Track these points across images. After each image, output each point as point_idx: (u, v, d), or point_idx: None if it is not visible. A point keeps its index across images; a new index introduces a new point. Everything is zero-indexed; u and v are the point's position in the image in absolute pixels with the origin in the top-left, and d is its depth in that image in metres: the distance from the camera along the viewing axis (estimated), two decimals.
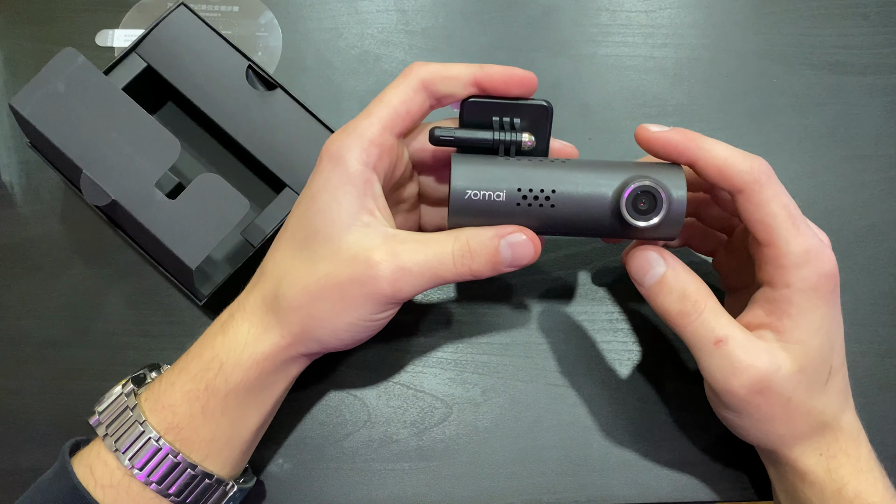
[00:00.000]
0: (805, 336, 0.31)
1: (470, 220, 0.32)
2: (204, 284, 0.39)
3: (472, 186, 0.32)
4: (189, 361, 0.32)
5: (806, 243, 0.31)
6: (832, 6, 0.48)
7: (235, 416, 0.32)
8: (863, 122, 0.45)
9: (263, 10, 0.46)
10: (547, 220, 0.32)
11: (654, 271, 0.33)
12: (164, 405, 0.32)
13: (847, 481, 0.32)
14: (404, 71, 0.33)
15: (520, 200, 0.32)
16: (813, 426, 0.32)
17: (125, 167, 0.36)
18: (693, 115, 0.45)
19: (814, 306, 0.31)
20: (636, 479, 0.38)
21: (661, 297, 0.32)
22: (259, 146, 0.39)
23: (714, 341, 0.31)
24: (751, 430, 0.33)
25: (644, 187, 0.31)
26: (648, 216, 0.31)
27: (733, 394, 0.32)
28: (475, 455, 0.39)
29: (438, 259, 0.31)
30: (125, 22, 0.45)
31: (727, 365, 0.31)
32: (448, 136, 0.33)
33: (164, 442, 0.31)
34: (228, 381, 0.32)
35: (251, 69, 0.40)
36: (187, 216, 0.36)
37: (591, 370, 0.40)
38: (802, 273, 0.31)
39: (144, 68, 0.40)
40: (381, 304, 0.31)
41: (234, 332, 0.32)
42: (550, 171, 0.32)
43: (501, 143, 0.33)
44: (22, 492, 0.32)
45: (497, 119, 0.34)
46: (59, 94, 0.36)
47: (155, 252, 0.38)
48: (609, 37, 0.47)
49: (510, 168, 0.32)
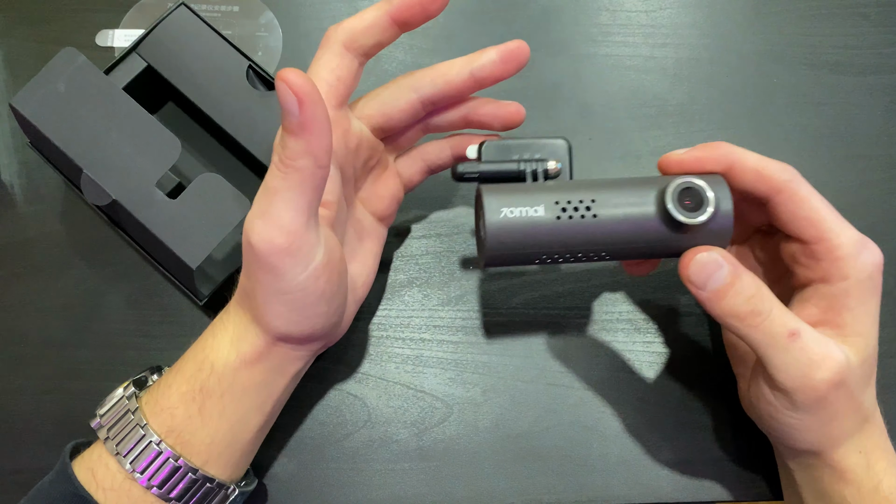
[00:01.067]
0: (864, 328, 0.31)
1: (508, 242, 0.30)
2: (204, 284, 0.39)
3: (507, 205, 0.30)
4: (185, 363, 0.32)
5: (854, 234, 0.31)
6: (832, 6, 0.48)
7: (234, 418, 0.32)
8: (863, 122, 0.45)
9: (263, 9, 0.46)
10: (590, 235, 0.31)
11: (720, 273, 0.30)
12: (162, 407, 0.31)
13: (882, 477, 0.32)
14: (323, 39, 0.33)
15: (559, 213, 0.30)
16: (858, 422, 0.32)
17: (126, 167, 0.36)
18: (693, 115, 0.45)
19: (870, 296, 0.31)
20: (636, 479, 0.38)
21: (729, 299, 0.30)
22: (259, 146, 0.39)
23: (788, 335, 0.30)
24: (810, 431, 0.32)
25: (688, 183, 0.30)
26: (697, 213, 0.30)
27: (813, 388, 0.30)
28: (475, 455, 0.39)
29: (268, 177, 0.29)
30: (125, 22, 0.45)
31: (804, 358, 0.30)
32: (472, 171, 0.32)
33: (165, 446, 0.31)
34: (221, 381, 0.31)
35: (251, 69, 0.40)
36: (188, 216, 0.36)
37: (591, 370, 0.40)
38: (859, 263, 0.31)
39: (145, 68, 0.40)
40: (267, 267, 0.30)
41: (221, 332, 0.32)
42: (585, 186, 0.31)
43: (528, 171, 0.32)
44: (22, 492, 0.32)
45: (517, 156, 0.33)
46: (60, 93, 0.36)
47: (155, 252, 0.38)
48: (609, 37, 0.47)
49: (542, 188, 0.31)
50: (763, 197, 0.32)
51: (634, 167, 0.44)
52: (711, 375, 0.40)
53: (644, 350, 0.41)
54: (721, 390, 0.40)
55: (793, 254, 0.33)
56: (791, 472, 0.35)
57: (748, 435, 0.38)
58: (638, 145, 0.44)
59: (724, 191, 0.31)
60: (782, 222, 0.32)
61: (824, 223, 0.31)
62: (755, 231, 0.37)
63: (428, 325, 0.41)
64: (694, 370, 0.40)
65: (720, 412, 0.39)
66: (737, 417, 0.39)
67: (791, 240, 0.33)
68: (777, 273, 0.36)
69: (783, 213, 0.32)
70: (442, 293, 0.41)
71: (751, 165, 0.32)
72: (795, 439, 0.33)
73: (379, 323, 0.41)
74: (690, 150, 0.32)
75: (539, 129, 0.44)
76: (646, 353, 0.40)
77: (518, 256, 0.31)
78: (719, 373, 0.40)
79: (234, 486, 0.33)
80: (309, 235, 0.29)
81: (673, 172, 0.33)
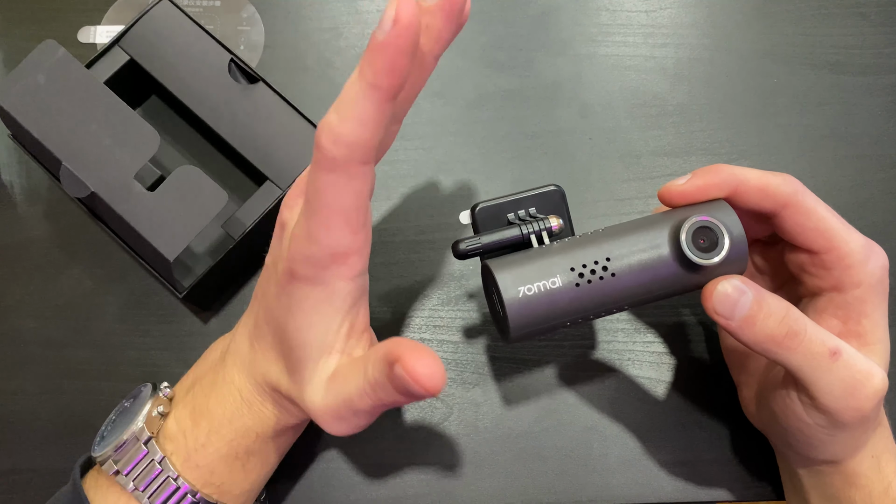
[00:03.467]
0: (882, 333, 0.31)
1: (530, 319, 0.29)
2: (185, 277, 0.39)
3: (522, 283, 0.29)
4: (218, 424, 0.31)
5: (861, 239, 0.31)
6: (832, 6, 0.48)
7: (272, 464, 0.34)
8: (863, 122, 0.45)
9: (245, 4, 0.46)
10: (610, 294, 0.30)
11: (745, 299, 0.29)
12: (198, 465, 0.31)
13: (892, 479, 0.32)
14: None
15: (578, 280, 0.29)
16: (873, 427, 0.32)
17: (105, 159, 0.36)
18: (693, 115, 0.45)
19: (882, 300, 0.31)
20: (636, 479, 0.38)
21: (760, 324, 0.29)
22: (241, 140, 0.39)
23: (830, 354, 0.29)
24: (839, 444, 0.31)
25: (700, 223, 0.30)
26: (713, 253, 0.29)
27: (859, 409, 0.29)
28: (475, 455, 0.39)
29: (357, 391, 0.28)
30: (107, 18, 0.45)
31: (849, 378, 0.29)
32: (475, 246, 0.31)
33: (202, 496, 0.31)
34: (267, 444, 0.32)
35: (233, 63, 0.40)
36: (166, 208, 0.36)
37: (592, 370, 0.40)
38: (869, 268, 0.31)
39: (127, 61, 0.40)
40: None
41: (259, 410, 0.32)
42: (595, 242, 0.30)
43: (532, 234, 0.31)
44: (21, 493, 0.32)
45: (512, 214, 0.33)
46: (40, 86, 0.37)
47: (135, 244, 0.38)
48: (609, 37, 0.47)
49: (552, 253, 0.30)
50: (769, 212, 0.32)
51: (634, 167, 0.44)
52: (712, 375, 0.40)
53: (644, 350, 0.41)
54: (721, 391, 0.40)
55: (801, 264, 0.33)
56: (798, 476, 0.35)
57: (748, 435, 0.38)
58: (638, 145, 0.44)
59: (732, 219, 0.30)
60: (790, 234, 0.32)
61: (833, 232, 0.31)
62: (754, 241, 0.37)
63: (428, 325, 0.41)
64: (694, 370, 0.40)
65: (720, 412, 0.39)
66: (737, 418, 0.39)
67: (798, 250, 0.32)
68: (779, 282, 0.36)
69: (791, 226, 0.31)
70: (442, 293, 0.41)
71: (755, 185, 0.31)
72: (818, 451, 0.32)
73: (379, 323, 0.41)
74: (691, 178, 0.31)
75: (539, 129, 0.44)
76: (646, 353, 0.40)
77: (543, 330, 0.31)
78: (719, 373, 0.40)
79: None
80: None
81: (676, 205, 0.32)
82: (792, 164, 0.44)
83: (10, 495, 0.37)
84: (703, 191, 0.31)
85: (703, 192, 0.31)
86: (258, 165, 0.39)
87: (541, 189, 0.33)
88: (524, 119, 0.45)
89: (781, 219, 0.31)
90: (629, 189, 0.44)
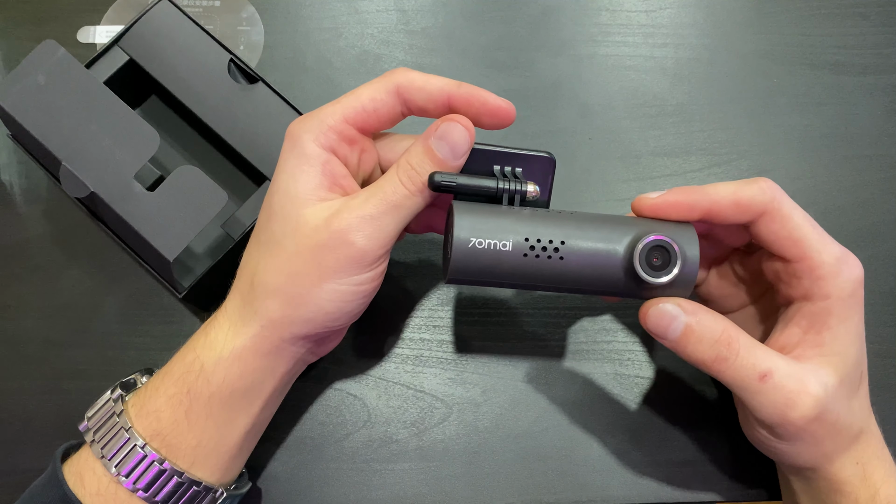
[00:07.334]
0: (843, 346, 0.31)
1: (472, 269, 0.31)
2: (185, 277, 0.39)
3: (476, 235, 0.30)
4: (173, 365, 0.32)
5: (836, 251, 0.31)
6: (832, 6, 0.48)
7: (221, 420, 0.32)
8: (863, 122, 0.45)
9: (245, 4, 0.46)
10: (554, 274, 0.31)
11: (677, 323, 0.31)
12: (148, 411, 0.31)
13: (879, 486, 0.32)
14: (387, 72, 0.32)
15: (527, 251, 0.30)
16: (852, 436, 0.32)
17: (104, 159, 0.36)
18: (693, 115, 0.45)
19: (852, 313, 0.31)
20: (636, 479, 0.38)
21: (691, 347, 0.31)
22: (240, 139, 0.39)
23: (758, 377, 0.30)
24: (801, 455, 0.32)
25: (658, 241, 0.30)
26: (662, 273, 0.30)
27: (792, 425, 0.30)
28: (475, 455, 0.39)
29: (392, 189, 0.31)
30: (106, 18, 0.45)
31: (779, 398, 0.30)
32: (449, 181, 0.31)
33: (150, 449, 0.30)
34: (210, 382, 0.31)
35: (233, 63, 0.40)
36: (165, 208, 0.36)
37: (592, 370, 0.40)
38: (839, 282, 0.31)
39: (127, 62, 0.40)
40: (356, 264, 0.31)
41: (214, 331, 0.32)
42: (558, 222, 0.31)
43: (506, 192, 0.32)
44: (20, 493, 0.32)
45: (498, 168, 0.33)
46: (39, 86, 0.37)
47: (135, 245, 0.38)
48: (609, 37, 0.47)
49: (515, 217, 0.31)
50: (747, 223, 0.32)
51: (634, 167, 0.44)
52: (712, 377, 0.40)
53: (644, 350, 0.41)
54: (721, 391, 0.40)
55: (776, 272, 0.33)
56: (790, 481, 0.35)
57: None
58: (638, 145, 0.45)
59: (692, 244, 0.31)
60: (765, 242, 0.32)
61: (806, 241, 0.31)
62: (734, 250, 0.37)
63: (428, 325, 0.41)
64: (695, 370, 0.40)
65: (720, 412, 0.39)
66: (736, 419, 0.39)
67: (774, 258, 0.33)
68: (759, 290, 0.36)
69: (765, 234, 0.31)
70: (442, 293, 0.41)
71: (728, 202, 0.31)
72: (791, 460, 0.33)
73: (379, 322, 0.41)
74: (664, 194, 0.32)
75: (539, 129, 0.44)
76: (646, 354, 0.40)
77: (479, 282, 0.32)
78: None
79: (223, 489, 0.33)
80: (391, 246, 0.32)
81: (645, 216, 0.32)
82: (792, 164, 0.44)
83: (10, 495, 0.37)
84: (674, 207, 0.32)
85: (673, 209, 0.32)
86: (258, 165, 0.39)
87: (535, 152, 0.33)
88: (524, 119, 0.45)
89: (757, 226, 0.32)
90: (629, 189, 0.44)
